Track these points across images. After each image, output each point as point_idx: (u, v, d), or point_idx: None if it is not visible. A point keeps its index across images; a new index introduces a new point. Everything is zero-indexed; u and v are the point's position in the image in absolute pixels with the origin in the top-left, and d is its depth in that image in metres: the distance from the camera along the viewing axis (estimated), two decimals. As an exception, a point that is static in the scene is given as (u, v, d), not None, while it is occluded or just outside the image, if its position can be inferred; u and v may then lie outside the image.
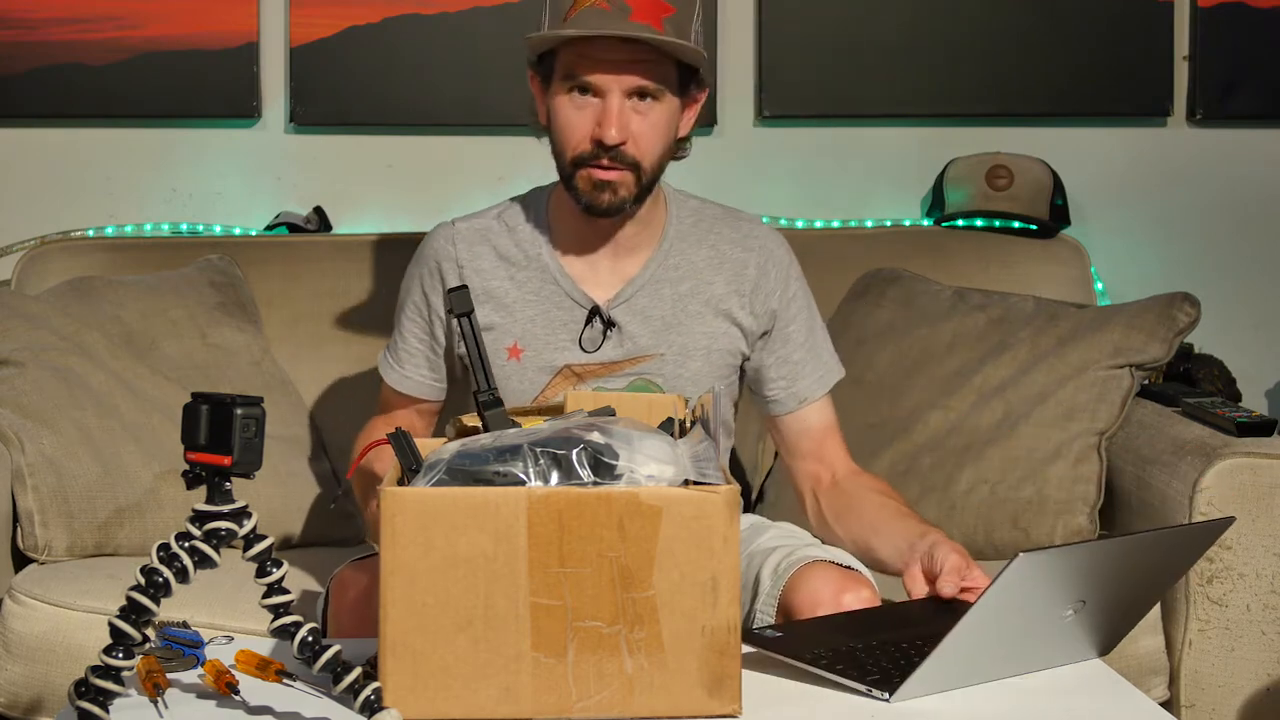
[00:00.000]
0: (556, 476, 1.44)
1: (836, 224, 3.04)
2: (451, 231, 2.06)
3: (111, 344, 2.45)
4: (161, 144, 3.01)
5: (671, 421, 1.66)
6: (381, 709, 1.36)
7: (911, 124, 3.08)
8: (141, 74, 2.96)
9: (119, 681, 1.36)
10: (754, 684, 1.48)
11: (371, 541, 1.94)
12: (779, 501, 2.49)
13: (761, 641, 1.60)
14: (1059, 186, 2.97)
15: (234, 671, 1.47)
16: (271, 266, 2.74)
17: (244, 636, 1.96)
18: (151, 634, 1.39)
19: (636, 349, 2.02)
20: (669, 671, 1.42)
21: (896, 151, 3.09)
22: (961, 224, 2.95)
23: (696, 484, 1.45)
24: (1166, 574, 1.81)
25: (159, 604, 1.35)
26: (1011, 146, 3.01)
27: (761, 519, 2.15)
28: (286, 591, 1.37)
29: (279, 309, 2.70)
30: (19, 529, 2.28)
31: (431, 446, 1.57)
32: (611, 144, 1.88)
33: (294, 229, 2.92)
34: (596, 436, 1.46)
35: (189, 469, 1.36)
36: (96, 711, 1.35)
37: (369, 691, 1.36)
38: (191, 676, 1.52)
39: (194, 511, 1.36)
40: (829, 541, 2.02)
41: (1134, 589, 1.66)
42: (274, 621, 1.37)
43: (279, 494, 2.43)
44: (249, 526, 1.37)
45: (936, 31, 3.06)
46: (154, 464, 2.34)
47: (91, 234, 2.94)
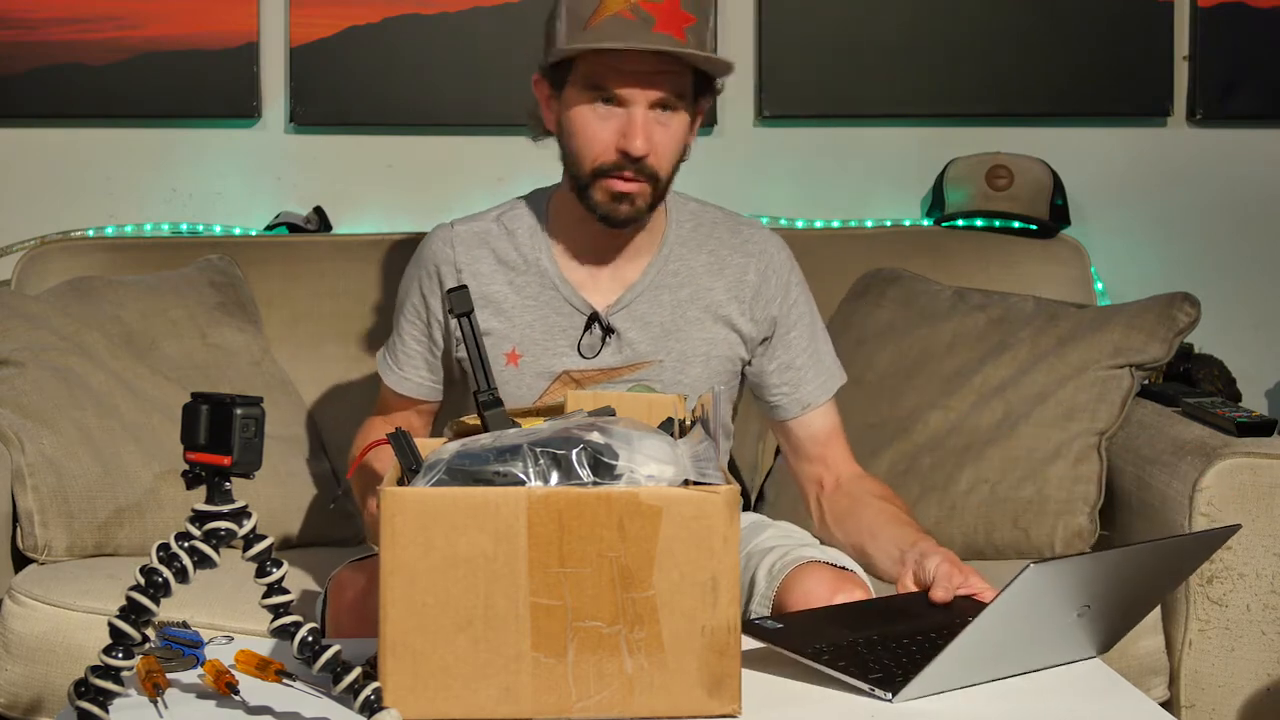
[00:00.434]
0: (556, 476, 1.44)
1: (836, 224, 3.04)
2: (450, 234, 2.05)
3: (111, 344, 2.45)
4: (161, 144, 3.01)
5: (671, 421, 1.66)
6: (381, 709, 1.36)
7: (911, 124, 3.08)
8: (141, 74, 2.95)
9: (119, 681, 1.36)
10: (754, 684, 1.48)
11: (371, 543, 1.94)
12: (779, 501, 2.49)
13: (761, 634, 1.59)
14: (1059, 186, 2.97)
15: (234, 671, 1.47)
16: (271, 266, 2.74)
17: (244, 636, 1.96)
18: (151, 634, 1.39)
19: (635, 355, 2.01)
20: (669, 671, 1.42)
21: (896, 151, 3.09)
22: (961, 224, 2.95)
23: (696, 484, 1.45)
24: (1170, 578, 1.81)
25: (159, 604, 1.35)
26: (1011, 146, 3.01)
27: (761, 518, 2.15)
28: (286, 591, 1.37)
29: (279, 309, 2.70)
30: (19, 529, 2.28)
31: (431, 446, 1.57)
32: (637, 155, 1.87)
33: (294, 229, 2.92)
34: (596, 436, 1.46)
35: (189, 469, 1.36)
36: (96, 711, 1.35)
37: (369, 691, 1.36)
38: (191, 676, 1.52)
39: (194, 511, 1.36)
40: (830, 544, 2.03)
41: (1137, 593, 1.67)
42: (274, 621, 1.37)
43: (279, 494, 2.43)
44: (249, 526, 1.37)
45: (936, 31, 3.06)
46: (154, 464, 2.34)
47: (91, 234, 2.94)
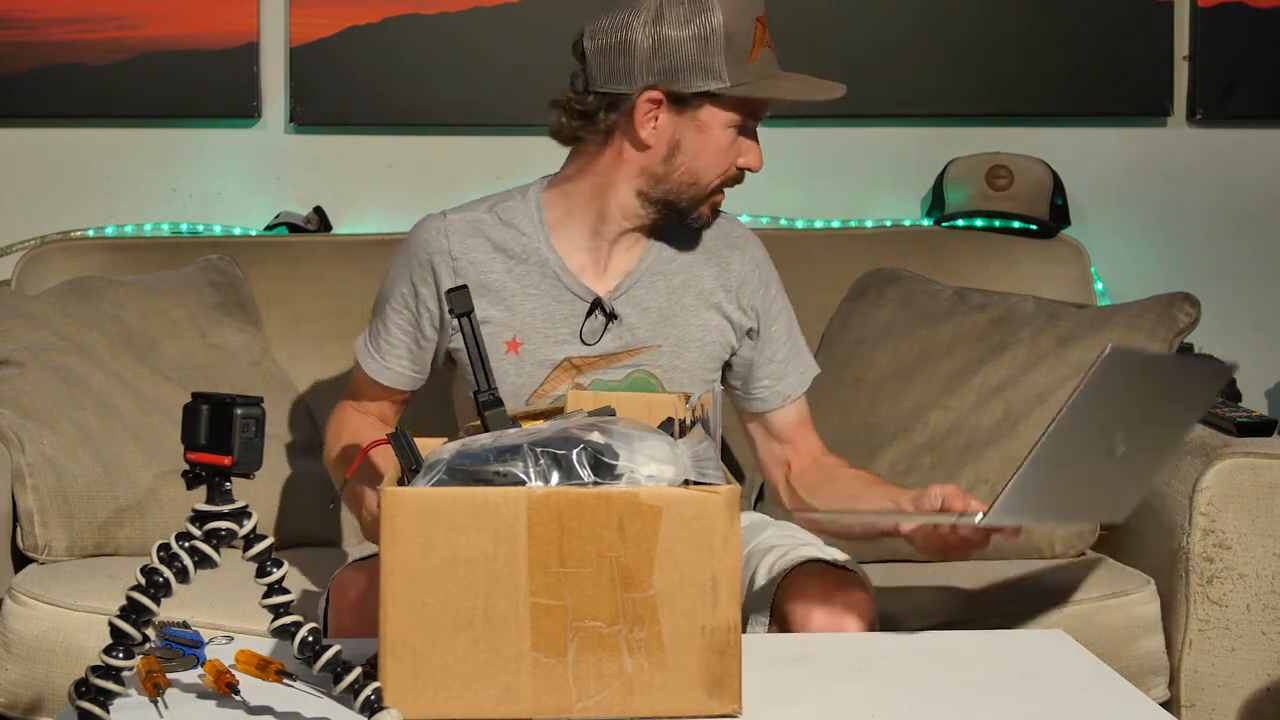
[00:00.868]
0: (556, 476, 1.44)
1: (836, 224, 3.04)
2: (443, 224, 2.05)
3: (111, 344, 2.46)
4: (161, 144, 3.01)
5: (671, 421, 1.66)
6: (381, 709, 1.36)
7: (911, 124, 3.08)
8: (141, 74, 2.96)
9: (119, 681, 1.36)
10: (754, 684, 1.48)
11: (369, 539, 1.94)
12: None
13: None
14: (1059, 186, 2.97)
15: (234, 671, 1.47)
16: (271, 266, 2.74)
17: (244, 636, 1.96)
18: (151, 634, 1.39)
19: (635, 340, 2.04)
20: (669, 671, 1.42)
21: (896, 151, 3.09)
22: (961, 224, 2.95)
23: (696, 484, 1.45)
24: (1182, 417, 1.83)
25: (159, 604, 1.34)
26: (1011, 146, 3.01)
27: (763, 517, 2.15)
28: (286, 591, 1.37)
29: (279, 309, 2.70)
30: (19, 529, 2.28)
31: (431, 446, 1.57)
32: (756, 170, 2.03)
33: (294, 229, 2.92)
34: (596, 436, 1.46)
35: (189, 469, 1.36)
36: (96, 711, 1.35)
37: (369, 691, 1.36)
38: (191, 676, 1.52)
39: (194, 511, 1.36)
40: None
41: (1166, 423, 1.72)
42: (274, 621, 1.37)
43: (279, 494, 2.43)
44: (249, 526, 1.37)
45: (936, 31, 3.06)
46: (154, 464, 2.34)
47: (91, 234, 2.94)
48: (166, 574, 1.34)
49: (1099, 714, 1.52)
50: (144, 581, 1.34)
